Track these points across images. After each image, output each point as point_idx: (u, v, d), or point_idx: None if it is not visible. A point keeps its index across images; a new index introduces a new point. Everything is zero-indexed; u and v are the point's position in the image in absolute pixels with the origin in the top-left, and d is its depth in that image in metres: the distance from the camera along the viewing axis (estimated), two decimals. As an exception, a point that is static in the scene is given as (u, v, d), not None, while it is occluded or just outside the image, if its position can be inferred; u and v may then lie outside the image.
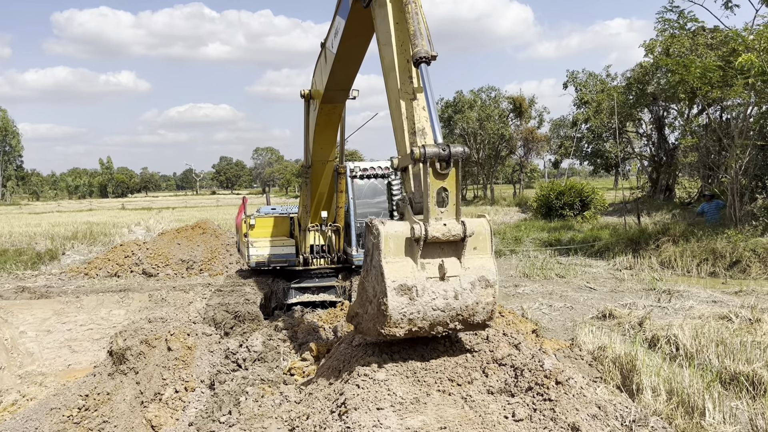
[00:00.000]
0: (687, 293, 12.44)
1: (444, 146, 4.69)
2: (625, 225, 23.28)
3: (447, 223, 4.76)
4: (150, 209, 52.84)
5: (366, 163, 12.03)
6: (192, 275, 16.73)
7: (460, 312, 4.85)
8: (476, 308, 4.88)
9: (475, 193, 62.72)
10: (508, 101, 54.22)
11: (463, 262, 4.85)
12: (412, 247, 4.74)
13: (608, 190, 48.86)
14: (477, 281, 4.85)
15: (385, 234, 4.72)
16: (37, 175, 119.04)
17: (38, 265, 18.87)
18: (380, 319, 4.78)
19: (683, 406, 5.87)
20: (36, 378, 10.89)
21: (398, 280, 4.68)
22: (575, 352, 7.37)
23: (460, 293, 4.82)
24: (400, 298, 4.67)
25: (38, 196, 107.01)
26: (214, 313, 9.68)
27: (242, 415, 5.74)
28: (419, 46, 5.03)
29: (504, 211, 37.13)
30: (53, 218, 39.06)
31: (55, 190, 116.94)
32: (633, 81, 33.89)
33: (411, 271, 4.73)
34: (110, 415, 7.24)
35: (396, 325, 4.74)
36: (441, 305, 4.78)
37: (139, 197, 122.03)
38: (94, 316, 13.05)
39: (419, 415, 4.52)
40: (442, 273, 4.79)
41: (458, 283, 4.82)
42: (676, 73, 19.65)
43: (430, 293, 4.76)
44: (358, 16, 6.49)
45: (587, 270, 16.29)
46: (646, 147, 40.74)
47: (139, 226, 29.89)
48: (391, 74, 5.47)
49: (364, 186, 11.80)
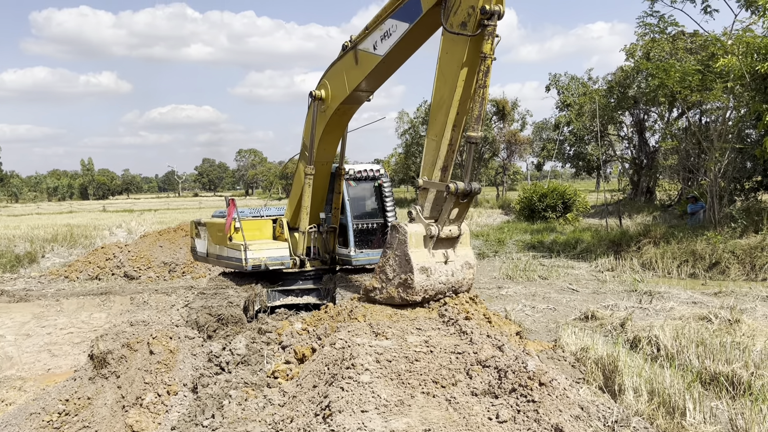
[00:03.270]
0: (668, 294, 12.58)
1: (469, 186, 6.85)
2: (606, 227, 23.48)
3: (452, 228, 7.14)
4: (132, 211, 52.33)
5: (359, 166, 12.03)
6: (174, 278, 16.60)
7: (454, 285, 7.25)
8: (463, 282, 7.35)
9: (459, 195, 62.83)
10: (491, 104, 54.43)
11: (456, 251, 7.26)
12: (426, 241, 7.02)
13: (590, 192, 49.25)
14: (464, 264, 7.31)
15: (411, 232, 6.97)
16: (16, 177, 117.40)
17: (17, 268, 18.60)
18: (406, 290, 6.96)
19: (664, 406, 5.93)
20: (15, 382, 10.72)
21: (420, 263, 6.89)
22: (558, 354, 7.41)
23: (455, 272, 7.22)
24: (421, 275, 6.89)
25: (17, 198, 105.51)
26: (196, 316, 9.58)
27: (226, 418, 5.71)
28: (475, 130, 6.80)
29: (487, 213, 37.26)
30: (32, 220, 38.53)
31: (34, 192, 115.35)
32: (614, 84, 34.23)
33: (427, 257, 7.00)
34: (91, 419, 7.15)
35: (417, 293, 6.93)
36: (444, 280, 7.12)
37: (120, 199, 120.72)
38: (74, 320, 12.90)
39: (404, 417, 4.52)
40: (445, 259, 7.14)
41: (454, 265, 7.21)
42: (656, 77, 19.89)
43: (439, 272, 7.06)
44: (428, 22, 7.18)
45: (570, 272, 16.41)
46: (627, 150, 41.19)
47: (120, 229, 29.61)
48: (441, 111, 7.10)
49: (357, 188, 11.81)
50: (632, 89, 30.82)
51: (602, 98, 33.08)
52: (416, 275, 6.83)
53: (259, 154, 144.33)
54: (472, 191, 6.96)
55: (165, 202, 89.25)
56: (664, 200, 33.89)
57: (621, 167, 42.46)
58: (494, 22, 6.54)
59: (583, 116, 37.66)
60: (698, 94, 19.45)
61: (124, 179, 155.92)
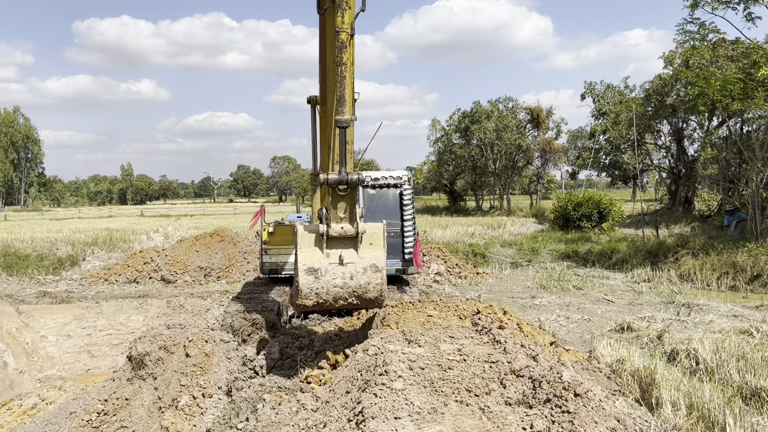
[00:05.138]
0: (707, 307, 12.30)
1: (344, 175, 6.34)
2: (643, 237, 23.07)
3: (344, 226, 6.50)
4: (168, 216, 53.29)
5: (378, 173, 12.00)
6: (210, 282, 16.84)
7: (356, 289, 6.46)
8: (368, 287, 6.48)
9: (492, 204, 62.50)
10: (525, 112, 54.09)
11: (359, 253, 6.53)
12: (319, 242, 6.45)
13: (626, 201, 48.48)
14: (369, 267, 6.50)
15: (301, 232, 6.48)
16: (58, 182, 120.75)
17: (59, 270, 19.10)
18: (296, 293, 6.39)
19: (703, 421, 5.81)
20: (56, 382, 11.00)
21: (308, 263, 6.36)
22: (593, 365, 7.32)
23: (355, 275, 6.46)
24: (309, 276, 6.34)
25: (59, 203, 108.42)
26: (231, 320, 9.72)
27: (259, 422, 5.77)
28: (341, 113, 6.25)
29: (520, 222, 36.94)
30: (74, 224, 39.54)
31: (76, 197, 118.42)
32: (652, 92, 33.69)
33: (318, 258, 6.43)
34: (129, 420, 7.29)
35: (306, 297, 6.35)
36: (340, 284, 6.43)
37: (157, 204, 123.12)
38: (113, 322, 13.19)
39: (437, 425, 4.52)
40: (340, 260, 6.44)
41: (354, 267, 6.47)
42: (696, 85, 19.51)
43: (332, 274, 6.41)
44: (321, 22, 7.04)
45: (605, 282, 16.17)
46: (665, 159, 40.44)
47: (157, 233, 30.16)
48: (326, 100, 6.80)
49: (375, 195, 11.78)
50: (671, 97, 30.30)
51: (639, 107, 32.59)
52: (302, 276, 6.33)
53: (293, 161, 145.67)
54: (347, 181, 6.36)
55: (201, 207, 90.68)
56: (703, 211, 33.15)
57: (658, 176, 41.70)
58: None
59: (619, 125, 37.14)
60: (740, 102, 19.02)
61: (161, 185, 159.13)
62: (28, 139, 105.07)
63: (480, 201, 62.32)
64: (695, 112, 29.72)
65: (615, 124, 38.08)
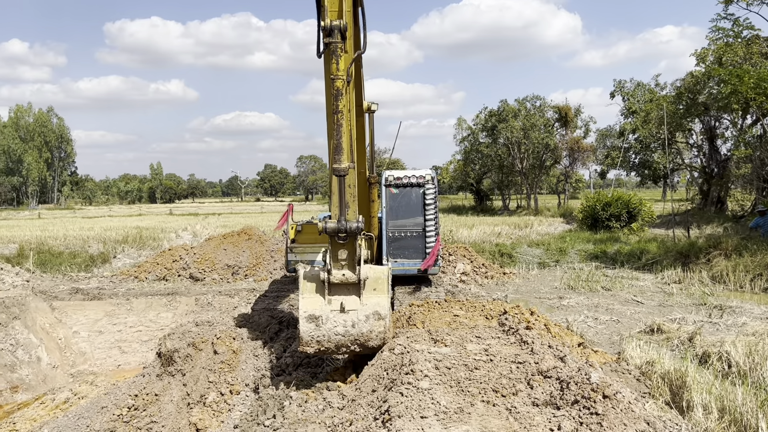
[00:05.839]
0: (740, 309, 12.05)
1: (342, 224, 6.19)
2: (673, 238, 22.69)
3: (345, 273, 6.33)
4: (197, 215, 53.98)
5: (401, 172, 11.94)
6: (237, 280, 17.02)
7: (357, 337, 6.25)
8: (370, 335, 6.25)
9: (519, 203, 62.02)
10: (553, 110, 53.59)
11: (362, 299, 6.30)
12: (321, 288, 6.30)
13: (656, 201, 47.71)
14: (371, 315, 6.25)
15: (303, 277, 6.37)
16: (90, 181, 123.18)
17: (91, 267, 19.48)
18: (298, 339, 6.35)
19: (736, 425, 5.69)
20: (87, 377, 11.22)
21: (308, 311, 6.24)
22: (622, 367, 7.22)
23: (356, 323, 6.24)
24: (309, 324, 6.23)
25: (91, 201, 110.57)
26: (259, 318, 9.80)
27: (286, 419, 5.81)
28: (338, 162, 6.14)
29: (548, 222, 36.60)
30: (105, 222, 40.28)
31: (106, 196, 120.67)
32: (683, 90, 33.09)
33: (319, 305, 6.28)
34: (158, 415, 7.41)
35: (307, 344, 6.26)
36: (341, 331, 6.24)
37: (186, 203, 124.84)
38: (142, 318, 13.41)
39: (463, 424, 4.50)
40: (342, 308, 6.24)
41: (356, 315, 6.26)
42: (729, 83, 19.13)
43: (333, 322, 6.23)
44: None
45: (634, 283, 15.94)
46: (697, 158, 39.71)
47: (186, 232, 30.55)
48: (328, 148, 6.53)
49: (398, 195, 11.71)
50: (703, 95, 29.74)
51: (670, 105, 32.04)
52: (302, 324, 6.23)
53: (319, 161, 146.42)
54: (347, 230, 6.22)
55: (228, 206, 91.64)
56: (736, 211, 32.46)
57: (689, 176, 40.96)
58: (336, 39, 5.96)
59: (649, 123, 36.57)
60: (775, 100, 18.61)
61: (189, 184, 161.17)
62: (62, 138, 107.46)
63: (507, 200, 61.89)
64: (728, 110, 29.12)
65: (645, 122, 37.50)
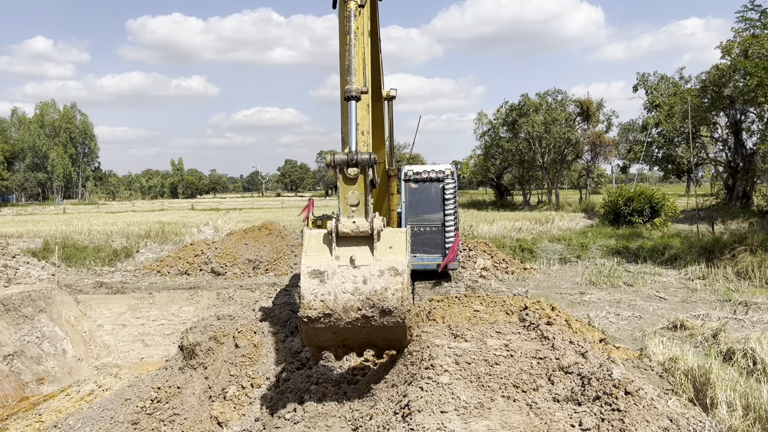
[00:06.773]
0: (765, 306, 11.86)
1: (353, 154, 5.28)
2: (697, 233, 22.37)
3: (356, 221, 5.38)
4: (218, 210, 54.41)
5: (420, 167, 11.91)
6: (258, 275, 17.13)
7: (370, 296, 5.20)
8: (385, 293, 5.18)
9: (540, 198, 61.58)
10: (574, 104, 53.04)
11: (376, 255, 5.32)
12: (328, 242, 5.39)
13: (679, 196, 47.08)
14: (387, 270, 5.26)
15: (308, 234, 5.49)
16: (113, 176, 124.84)
17: (115, 261, 19.76)
18: (301, 304, 5.23)
19: (761, 422, 5.61)
20: (111, 369, 11.40)
21: (312, 266, 5.26)
22: (644, 363, 7.15)
23: (369, 278, 5.24)
24: (312, 280, 5.21)
25: (114, 196, 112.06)
26: (279, 312, 9.87)
27: (307, 413, 5.85)
28: (349, 83, 5.58)
29: (569, 217, 36.29)
30: (128, 217, 40.79)
31: (129, 191, 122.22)
32: (708, 83, 32.56)
33: (325, 260, 5.31)
34: (180, 408, 7.50)
35: (309, 306, 5.16)
36: (350, 288, 5.21)
37: (207, 198, 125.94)
38: (165, 312, 13.57)
39: (483, 420, 4.49)
40: (351, 261, 5.29)
41: (368, 270, 5.27)
42: (756, 75, 18.78)
43: (341, 277, 5.24)
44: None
45: (657, 279, 15.75)
46: (722, 152, 39.10)
47: (207, 227, 30.82)
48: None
49: (418, 190, 11.68)
50: (728, 89, 29.22)
51: (695, 98, 31.55)
52: (304, 281, 5.22)
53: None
54: (357, 161, 5.29)
55: (249, 201, 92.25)
56: (762, 206, 31.90)
57: (714, 170, 40.35)
58: None
59: (673, 117, 36.06)
60: (803, 92, 18.24)
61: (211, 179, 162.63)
62: (85, 134, 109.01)
63: (527, 195, 61.47)
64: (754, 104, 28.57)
65: (669, 116, 36.99)
